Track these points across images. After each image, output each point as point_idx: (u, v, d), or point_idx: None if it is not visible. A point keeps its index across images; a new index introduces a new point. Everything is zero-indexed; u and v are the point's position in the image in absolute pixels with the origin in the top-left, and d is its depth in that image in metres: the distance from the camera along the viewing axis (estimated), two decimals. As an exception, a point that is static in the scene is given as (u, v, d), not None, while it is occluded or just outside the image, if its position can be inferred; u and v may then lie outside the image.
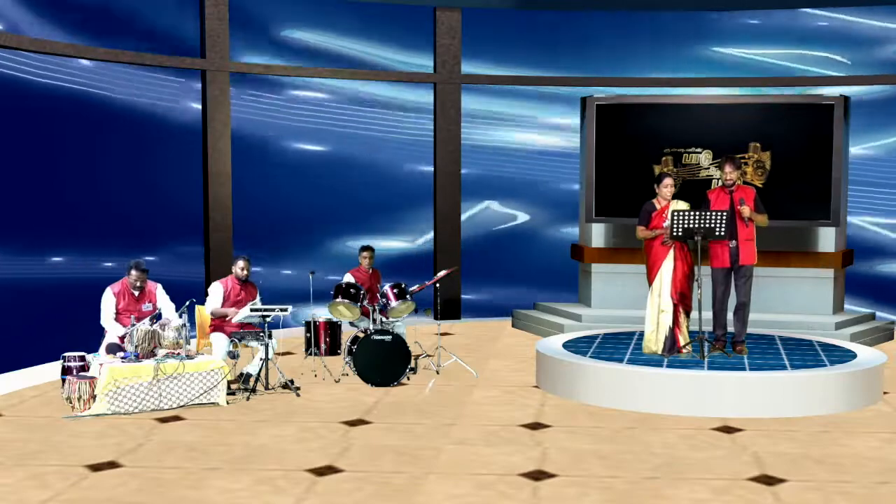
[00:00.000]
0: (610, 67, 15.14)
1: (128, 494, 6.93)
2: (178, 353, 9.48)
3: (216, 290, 10.37)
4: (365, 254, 11.32)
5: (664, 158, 13.21)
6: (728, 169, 10.26)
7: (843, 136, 13.22)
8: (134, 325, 9.54)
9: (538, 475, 7.38)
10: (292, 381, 10.09)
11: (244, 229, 14.26)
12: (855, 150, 14.18)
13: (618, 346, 10.84)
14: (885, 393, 10.08)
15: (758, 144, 13.07)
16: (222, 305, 10.31)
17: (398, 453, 7.95)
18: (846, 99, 13.33)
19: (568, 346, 10.83)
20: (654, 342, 10.25)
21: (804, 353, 10.46)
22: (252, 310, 10.09)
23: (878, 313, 14.35)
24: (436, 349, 11.24)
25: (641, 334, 10.66)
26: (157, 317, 9.85)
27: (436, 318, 11.23)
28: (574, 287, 14.68)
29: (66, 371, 9.40)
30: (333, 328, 11.22)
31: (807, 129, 13.13)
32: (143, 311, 9.93)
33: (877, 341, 13.17)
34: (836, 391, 9.47)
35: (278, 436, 8.46)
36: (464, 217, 15.19)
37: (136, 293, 9.96)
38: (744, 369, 9.62)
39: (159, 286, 10.19)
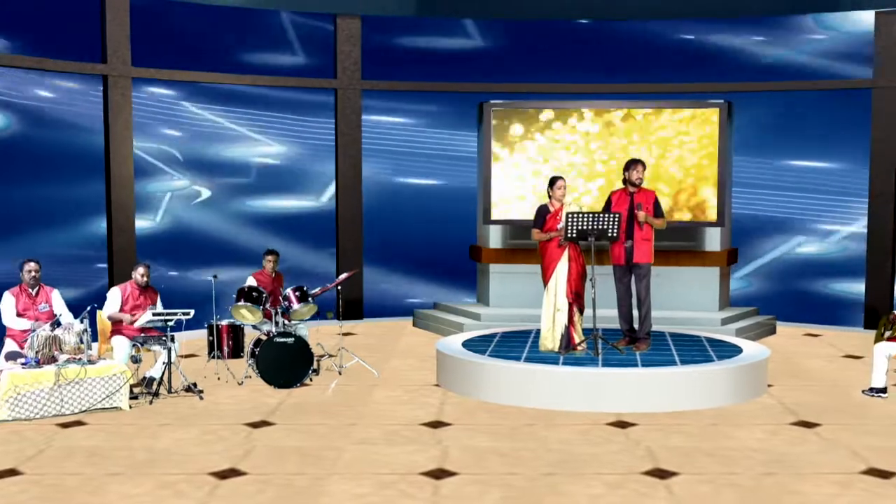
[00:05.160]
0: (508, 74, 15.10)
1: (28, 502, 6.64)
2: (80, 358, 9.15)
3: (114, 295, 10.08)
4: (269, 257, 11.11)
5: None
6: (634, 171, 10.32)
7: (728, 140, 13.40)
8: (34, 329, 9.22)
9: (439, 474, 7.27)
10: (195, 385, 9.82)
11: (150, 234, 13.94)
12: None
13: (515, 344, 10.80)
14: (769, 385, 10.21)
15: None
16: (120, 310, 10.01)
17: (301, 454, 7.78)
18: (730, 105, 13.51)
19: (467, 345, 10.75)
20: (550, 340, 10.24)
21: (693, 349, 10.53)
22: (154, 314, 9.81)
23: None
24: (338, 350, 11.07)
25: (538, 332, 10.63)
26: (56, 323, 9.51)
27: (338, 318, 11.07)
28: (473, 287, 14.65)
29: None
30: (236, 331, 10.97)
31: (694, 134, 13.27)
32: (41, 311, 9.62)
33: (760, 336, 13.36)
34: (723, 385, 9.55)
35: (181, 439, 8.22)
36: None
37: (33, 291, 9.63)
38: (636, 365, 9.65)
39: (56, 291, 9.87)
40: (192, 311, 9.84)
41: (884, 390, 9.75)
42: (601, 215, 9.96)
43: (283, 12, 14.50)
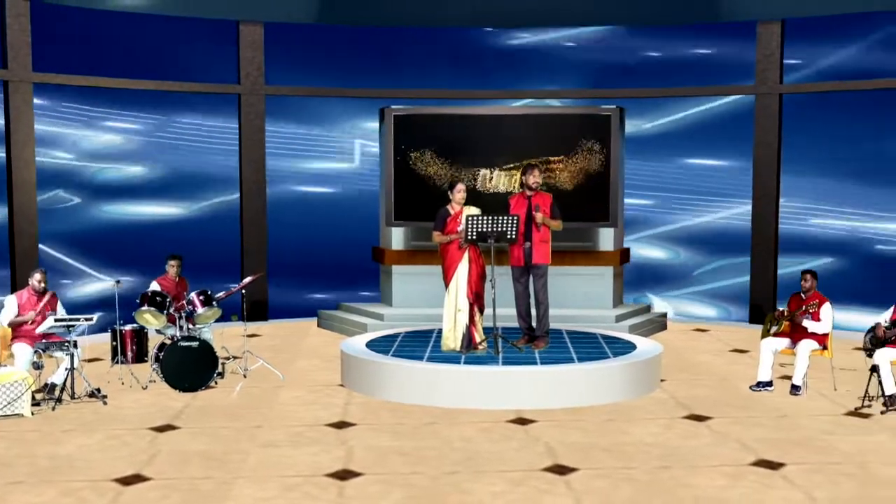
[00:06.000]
0: (409, 80, 15.02)
1: (-76, 515, 6.36)
2: (-21, 366, 8.81)
3: (10, 303, 9.73)
4: (172, 262, 10.83)
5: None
6: (531, 176, 10.33)
7: (619, 143, 13.51)
8: None
9: (344, 475, 7.15)
10: (99, 390, 9.52)
11: (56, 239, 13.55)
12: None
13: (418, 344, 10.72)
14: (662, 380, 10.30)
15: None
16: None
17: (206, 458, 7.58)
18: (622, 110, 13.63)
19: (371, 345, 10.64)
20: (451, 340, 10.19)
21: (589, 346, 10.58)
22: (56, 320, 9.49)
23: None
24: (243, 352, 10.85)
25: (440, 332, 10.57)
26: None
27: (242, 320, 10.86)
28: (376, 288, 14.53)
29: None
30: (140, 336, 10.68)
31: (588, 138, 13.35)
32: None
33: (652, 332, 13.51)
34: (619, 381, 9.60)
35: (84, 445, 7.95)
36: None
37: None
38: (535, 363, 9.64)
39: None
40: (95, 317, 9.55)
41: (770, 384, 9.91)
42: (500, 218, 9.96)
43: (187, 18, 14.17)
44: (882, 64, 13.69)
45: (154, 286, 10.57)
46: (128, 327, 10.58)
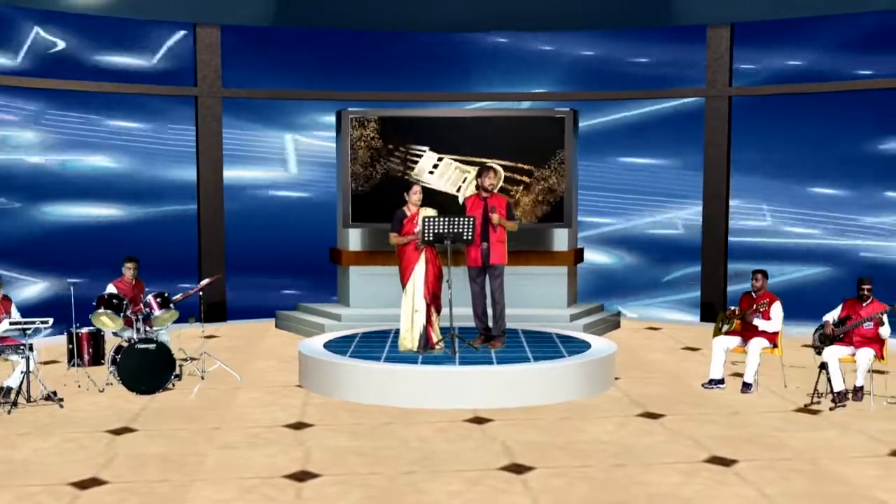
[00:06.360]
0: (367, 83, 14.95)
1: None
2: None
3: (-37, 309, 9.53)
4: (129, 264, 10.62)
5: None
6: (487, 178, 10.29)
7: (573, 145, 13.51)
8: None
9: (302, 476, 7.05)
10: (55, 393, 9.33)
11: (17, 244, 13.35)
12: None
13: (375, 344, 10.64)
14: (616, 378, 10.30)
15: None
16: None
17: (164, 460, 7.45)
18: (575, 112, 13.63)
19: (329, 345, 10.55)
20: (409, 340, 10.13)
21: (545, 345, 10.55)
22: (11, 323, 9.29)
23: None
24: (200, 354, 10.70)
25: (397, 332, 10.50)
26: None
27: (200, 321, 10.72)
28: (334, 289, 14.42)
29: None
30: (96, 339, 10.48)
31: (543, 140, 13.35)
32: None
33: (605, 330, 13.53)
34: (574, 380, 9.58)
35: (41, 449, 7.78)
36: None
37: None
38: (491, 363, 9.60)
39: None
40: (51, 320, 9.36)
41: (722, 381, 9.94)
42: (457, 219, 9.92)
43: (144, 21, 13.98)
44: (832, 67, 13.83)
45: (110, 289, 10.38)
46: (84, 330, 10.38)
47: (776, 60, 14.32)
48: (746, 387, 9.75)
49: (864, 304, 9.33)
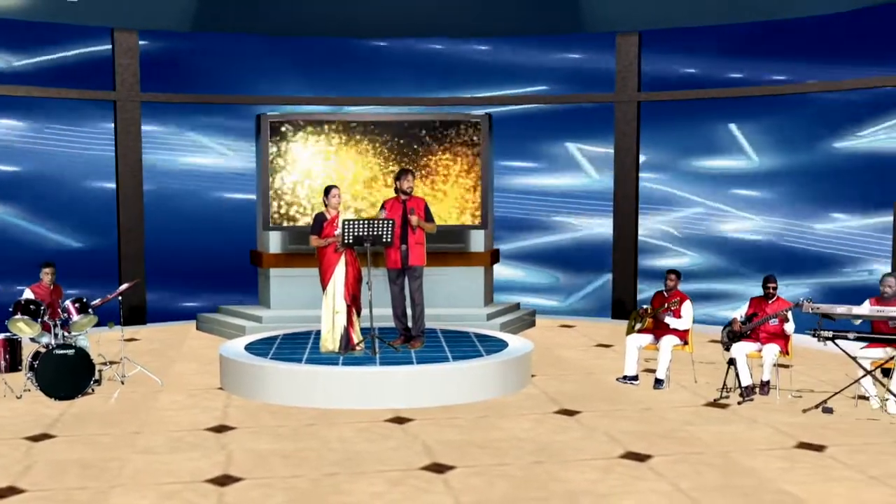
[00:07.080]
0: (285, 87, 14.76)
1: None
2: None
3: None
4: (46, 269, 10.30)
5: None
6: (406, 180, 10.22)
7: (489, 148, 13.50)
8: None
9: (224, 480, 6.88)
10: (-29, 400, 9.02)
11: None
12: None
13: (297, 345, 10.48)
14: (533, 376, 10.29)
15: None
16: None
17: (83, 467, 7.21)
18: (490, 116, 13.63)
19: (250, 347, 10.36)
20: (330, 341, 10.01)
21: (464, 345, 10.50)
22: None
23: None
24: (120, 358, 10.41)
25: (318, 334, 10.35)
26: None
27: (119, 324, 10.43)
28: (254, 291, 14.19)
29: None
30: (13, 345, 10.14)
31: (460, 143, 13.31)
32: None
33: (521, 329, 13.54)
34: (492, 378, 9.54)
35: (-44, 458, 7.49)
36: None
37: None
38: (411, 363, 9.51)
39: None
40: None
41: (636, 378, 10.00)
42: (376, 222, 9.84)
43: (60, 25, 13.60)
44: (736, 72, 14.06)
45: (28, 294, 10.06)
46: (0, 336, 10.03)
47: (681, 67, 14.48)
48: (658, 383, 9.82)
49: (769, 302, 9.48)
